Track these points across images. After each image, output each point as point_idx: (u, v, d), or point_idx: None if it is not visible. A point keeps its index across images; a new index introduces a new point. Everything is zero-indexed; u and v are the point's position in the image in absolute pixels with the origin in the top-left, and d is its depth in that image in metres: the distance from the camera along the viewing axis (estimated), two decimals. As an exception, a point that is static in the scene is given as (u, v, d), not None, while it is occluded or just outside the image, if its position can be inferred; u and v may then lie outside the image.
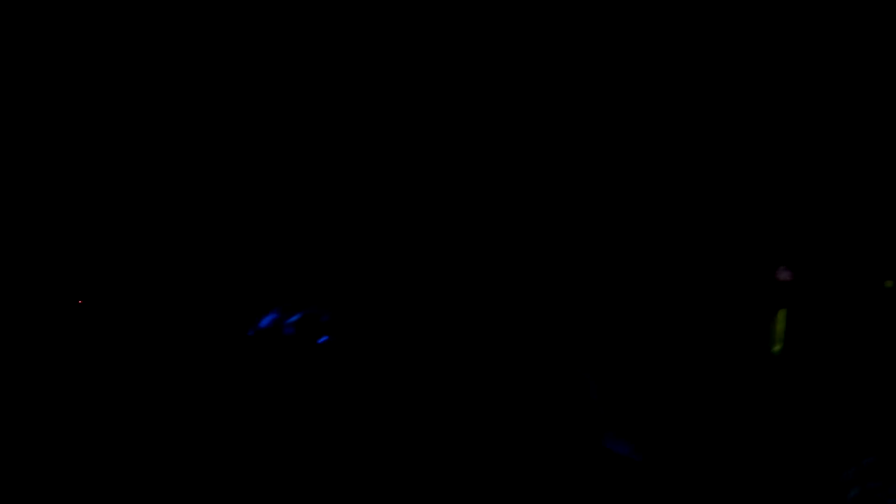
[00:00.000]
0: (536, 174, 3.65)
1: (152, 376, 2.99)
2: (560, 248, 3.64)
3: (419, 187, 3.65)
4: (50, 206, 3.44)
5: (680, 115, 3.60)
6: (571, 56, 3.57)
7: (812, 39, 3.51)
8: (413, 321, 3.50)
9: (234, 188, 3.58)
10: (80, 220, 3.46)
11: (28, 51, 3.36)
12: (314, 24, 3.54)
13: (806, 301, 3.40)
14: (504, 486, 2.74)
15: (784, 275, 3.43)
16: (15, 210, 3.41)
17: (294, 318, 3.13)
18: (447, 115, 3.63)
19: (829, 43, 3.50)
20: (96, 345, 3.14)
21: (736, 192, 3.58)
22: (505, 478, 2.77)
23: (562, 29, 3.56)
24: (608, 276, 3.63)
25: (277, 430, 2.83)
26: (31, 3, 3.34)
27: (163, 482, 2.62)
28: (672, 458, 3.09)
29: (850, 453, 3.01)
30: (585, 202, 3.64)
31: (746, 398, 3.33)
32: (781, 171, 3.57)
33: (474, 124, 3.63)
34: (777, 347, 3.38)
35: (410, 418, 2.96)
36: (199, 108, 3.54)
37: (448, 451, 2.84)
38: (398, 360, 3.23)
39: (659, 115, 3.60)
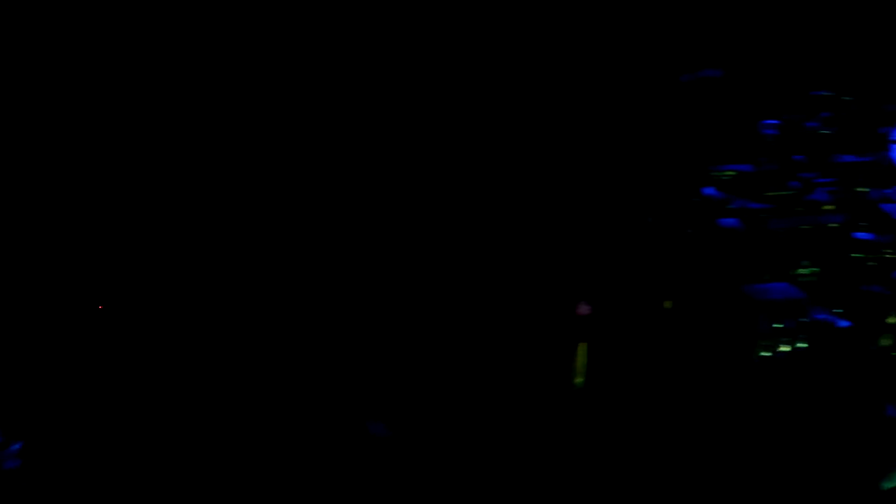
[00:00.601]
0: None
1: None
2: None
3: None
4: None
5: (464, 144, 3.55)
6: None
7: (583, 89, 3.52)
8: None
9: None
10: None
11: (31, 53, 3.34)
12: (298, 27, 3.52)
13: (604, 331, 3.35)
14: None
15: (583, 309, 3.39)
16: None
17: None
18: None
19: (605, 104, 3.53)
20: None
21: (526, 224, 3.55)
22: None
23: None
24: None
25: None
26: (33, 3, 3.33)
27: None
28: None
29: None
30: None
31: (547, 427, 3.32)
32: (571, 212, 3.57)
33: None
34: (579, 380, 3.39)
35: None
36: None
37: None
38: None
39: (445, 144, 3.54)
